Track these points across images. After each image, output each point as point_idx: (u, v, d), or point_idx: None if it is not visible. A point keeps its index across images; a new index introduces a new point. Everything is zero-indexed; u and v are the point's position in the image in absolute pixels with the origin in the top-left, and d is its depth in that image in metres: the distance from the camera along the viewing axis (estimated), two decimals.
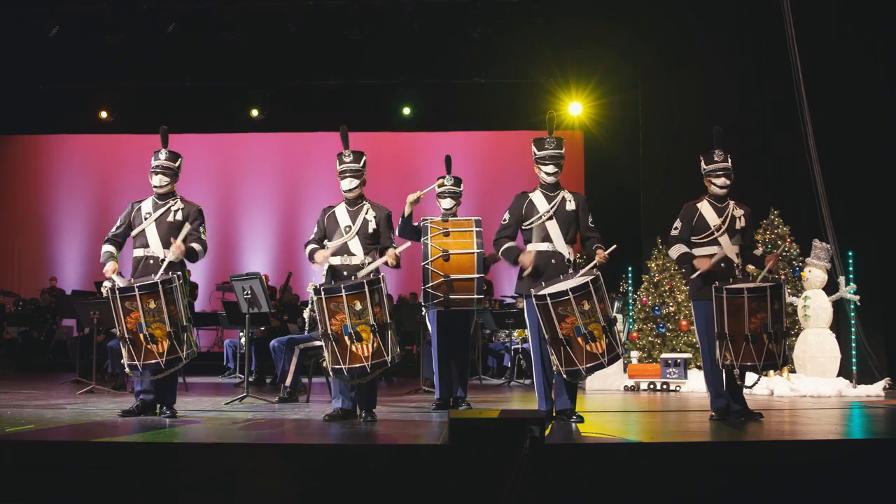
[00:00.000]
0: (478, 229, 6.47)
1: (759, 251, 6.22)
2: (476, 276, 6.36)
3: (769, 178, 10.48)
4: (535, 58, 13.07)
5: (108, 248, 6.04)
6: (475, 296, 6.41)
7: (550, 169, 5.78)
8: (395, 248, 5.84)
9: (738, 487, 4.24)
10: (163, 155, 6.05)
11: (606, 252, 5.70)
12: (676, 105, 11.36)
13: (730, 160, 6.05)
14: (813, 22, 9.63)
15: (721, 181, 6.02)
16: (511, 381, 10.55)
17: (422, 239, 6.49)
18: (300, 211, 15.39)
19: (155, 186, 6.06)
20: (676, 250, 6.10)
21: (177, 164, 6.11)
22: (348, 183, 5.89)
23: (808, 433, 5.39)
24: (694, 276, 5.97)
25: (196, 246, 6.03)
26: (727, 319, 5.72)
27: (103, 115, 14.28)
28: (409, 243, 6.10)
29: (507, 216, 5.92)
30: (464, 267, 6.36)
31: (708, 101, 10.82)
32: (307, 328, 8.09)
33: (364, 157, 5.92)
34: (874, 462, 4.42)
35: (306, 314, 7.64)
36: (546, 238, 5.76)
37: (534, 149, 5.83)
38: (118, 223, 6.11)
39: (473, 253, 6.37)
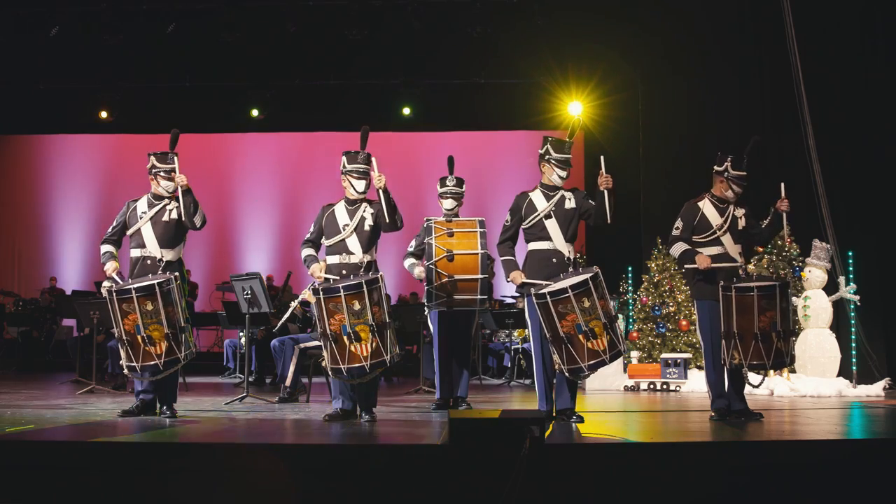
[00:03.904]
0: (482, 230, 6.50)
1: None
2: (480, 276, 6.38)
3: (769, 178, 10.45)
4: (534, 58, 13.05)
5: (107, 248, 6.05)
6: (478, 296, 6.43)
7: (564, 173, 5.86)
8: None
9: (738, 487, 4.24)
10: (171, 158, 6.01)
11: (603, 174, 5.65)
12: (677, 105, 11.33)
13: None
14: (813, 22, 9.62)
15: (740, 190, 6.01)
16: (511, 381, 10.55)
17: (426, 239, 6.51)
18: (300, 211, 15.38)
19: (171, 192, 6.01)
20: (677, 248, 6.05)
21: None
22: (363, 185, 5.87)
23: (808, 433, 5.39)
24: (694, 272, 5.94)
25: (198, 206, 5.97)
26: (735, 318, 5.69)
27: (103, 115, 14.26)
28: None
29: (508, 217, 5.95)
30: (468, 267, 6.37)
31: (708, 101, 10.81)
32: (296, 319, 8.01)
33: (373, 161, 5.89)
34: (874, 462, 4.42)
35: (294, 304, 7.66)
36: (545, 236, 5.77)
37: (550, 149, 5.84)
38: (114, 223, 6.10)
39: (478, 253, 6.39)
